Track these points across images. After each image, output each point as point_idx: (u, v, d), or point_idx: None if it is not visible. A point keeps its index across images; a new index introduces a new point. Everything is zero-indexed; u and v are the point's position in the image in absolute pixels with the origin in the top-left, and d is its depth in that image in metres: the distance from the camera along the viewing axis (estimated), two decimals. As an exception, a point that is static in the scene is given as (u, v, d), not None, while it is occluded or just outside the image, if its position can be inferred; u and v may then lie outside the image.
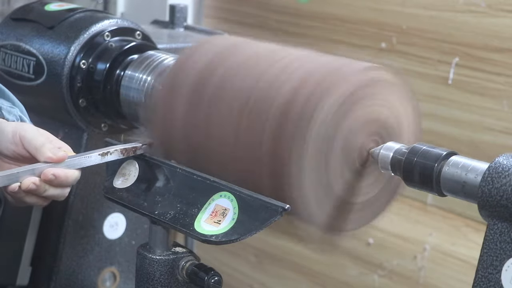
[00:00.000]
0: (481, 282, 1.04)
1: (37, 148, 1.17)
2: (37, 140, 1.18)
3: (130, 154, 1.26)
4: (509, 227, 1.03)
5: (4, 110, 1.29)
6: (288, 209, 1.10)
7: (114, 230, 1.71)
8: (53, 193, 1.18)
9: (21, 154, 1.20)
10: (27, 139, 1.18)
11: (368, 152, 1.20)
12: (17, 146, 1.19)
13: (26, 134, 1.19)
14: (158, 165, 1.26)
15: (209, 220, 1.15)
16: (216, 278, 1.18)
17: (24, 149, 1.19)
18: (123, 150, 1.25)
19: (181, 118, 1.26)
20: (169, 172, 1.24)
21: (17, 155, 1.20)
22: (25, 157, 1.19)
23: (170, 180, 1.24)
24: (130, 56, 1.56)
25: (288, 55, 1.24)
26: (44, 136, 1.20)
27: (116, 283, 1.74)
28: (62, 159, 1.17)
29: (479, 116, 1.83)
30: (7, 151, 1.20)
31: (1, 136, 1.20)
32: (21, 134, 1.19)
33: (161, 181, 1.25)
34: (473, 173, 1.08)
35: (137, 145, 1.27)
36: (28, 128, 1.21)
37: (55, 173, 1.15)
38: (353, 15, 2.06)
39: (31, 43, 1.62)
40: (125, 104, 1.54)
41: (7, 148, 1.20)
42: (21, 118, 1.31)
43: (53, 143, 1.18)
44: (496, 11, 1.78)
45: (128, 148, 1.26)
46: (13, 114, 1.29)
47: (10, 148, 1.20)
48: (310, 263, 2.25)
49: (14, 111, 1.30)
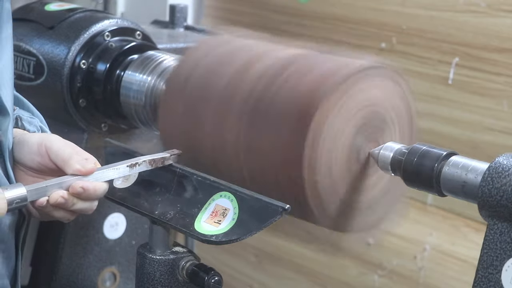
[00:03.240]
0: (481, 282, 1.04)
1: (64, 160, 1.14)
2: (64, 151, 1.15)
3: (159, 165, 1.24)
4: (509, 227, 1.03)
5: (24, 121, 1.25)
6: (288, 209, 1.10)
7: (114, 230, 1.71)
8: (81, 206, 1.14)
9: (47, 166, 1.16)
10: (54, 150, 1.15)
11: (368, 152, 1.20)
12: (42, 158, 1.16)
13: (53, 145, 1.16)
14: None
15: (209, 220, 1.15)
16: (216, 278, 1.18)
17: (50, 161, 1.16)
18: (151, 161, 1.23)
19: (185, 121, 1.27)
20: (170, 172, 1.24)
21: (43, 167, 1.17)
22: (50, 169, 1.16)
23: (170, 180, 1.24)
24: (130, 56, 1.56)
25: (286, 54, 1.24)
26: (71, 147, 1.17)
27: (116, 283, 1.74)
28: (91, 171, 1.14)
29: (479, 116, 1.83)
30: (32, 163, 1.17)
31: (26, 147, 1.17)
32: (47, 146, 1.16)
33: (161, 181, 1.25)
34: (473, 173, 1.08)
35: (165, 155, 1.25)
36: (54, 139, 1.18)
37: (84, 186, 1.12)
38: (353, 15, 2.06)
39: (31, 43, 1.61)
40: (125, 104, 1.54)
41: (32, 160, 1.17)
42: (42, 128, 1.28)
43: (80, 155, 1.15)
44: (496, 11, 1.78)
45: (156, 159, 1.23)
46: (33, 125, 1.26)
47: (36, 160, 1.17)
48: (310, 263, 2.25)
49: (34, 121, 1.27)
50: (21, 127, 1.24)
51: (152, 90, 1.48)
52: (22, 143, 1.18)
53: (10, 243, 1.19)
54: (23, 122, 1.25)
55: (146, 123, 1.52)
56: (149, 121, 1.50)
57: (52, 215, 1.15)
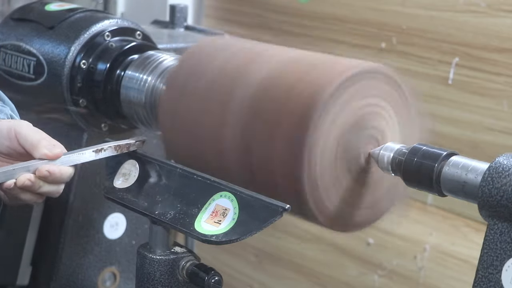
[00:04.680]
0: (481, 282, 1.04)
1: (33, 144, 1.18)
2: (33, 136, 1.19)
3: (124, 151, 1.28)
4: (509, 227, 1.03)
5: None
6: (288, 209, 1.10)
7: (114, 230, 1.71)
8: (48, 189, 1.19)
9: (16, 150, 1.20)
10: (23, 135, 1.19)
11: (368, 152, 1.20)
12: (11, 142, 1.20)
13: (22, 130, 1.20)
14: (158, 165, 1.27)
15: (209, 220, 1.15)
16: (216, 278, 1.18)
17: (19, 145, 1.20)
18: (116, 146, 1.27)
19: (186, 120, 1.27)
20: (170, 172, 1.24)
21: (11, 151, 1.21)
22: (19, 153, 1.20)
23: (170, 180, 1.24)
24: (131, 56, 1.56)
25: (285, 56, 1.25)
26: (39, 133, 1.21)
27: (116, 283, 1.74)
28: (58, 156, 1.18)
29: (479, 116, 1.83)
30: (1, 147, 1.21)
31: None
32: (16, 130, 1.20)
33: (161, 181, 1.25)
34: (473, 173, 1.08)
35: (130, 142, 1.29)
36: (24, 125, 1.22)
37: (50, 169, 1.16)
38: (353, 15, 2.06)
39: (31, 43, 1.61)
40: (125, 104, 1.54)
41: (1, 144, 1.21)
42: (12, 116, 1.31)
43: (48, 141, 1.19)
44: (496, 11, 1.78)
45: (121, 145, 1.27)
46: (3, 113, 1.29)
47: (4, 144, 1.20)
48: (310, 263, 2.25)
49: (5, 110, 1.31)
50: None
51: (152, 90, 1.48)
52: None
53: None
54: None
55: (146, 123, 1.52)
56: (149, 121, 1.50)
57: (19, 197, 1.19)
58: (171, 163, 1.26)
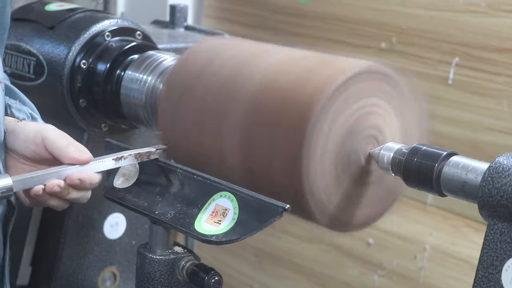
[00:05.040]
0: (481, 282, 1.04)
1: (61, 149, 1.16)
2: (61, 141, 1.17)
3: (144, 159, 1.25)
4: (509, 227, 1.03)
5: (13, 109, 1.27)
6: (288, 209, 1.10)
7: (114, 230, 1.71)
8: (76, 196, 1.17)
9: (41, 155, 1.18)
10: (50, 140, 1.17)
11: (368, 152, 1.20)
12: (37, 147, 1.18)
13: (49, 135, 1.18)
14: (158, 165, 1.27)
15: (209, 220, 1.15)
16: (216, 278, 1.18)
17: (46, 150, 1.17)
18: (137, 155, 1.24)
19: (185, 122, 1.27)
20: (170, 172, 1.24)
21: (36, 155, 1.19)
22: (44, 158, 1.18)
23: (170, 180, 1.24)
24: (131, 56, 1.56)
25: (282, 55, 1.25)
26: (67, 137, 1.19)
27: (116, 283, 1.74)
28: (88, 160, 1.16)
29: (479, 116, 1.83)
30: (26, 151, 1.19)
31: (22, 135, 1.19)
32: (43, 135, 1.18)
33: (161, 181, 1.25)
34: (473, 173, 1.08)
35: (151, 150, 1.26)
36: (51, 129, 1.20)
37: (81, 177, 1.14)
38: (353, 15, 2.06)
39: (32, 43, 1.62)
40: (125, 104, 1.54)
41: (26, 148, 1.19)
42: (32, 115, 1.29)
43: (75, 146, 1.18)
44: (496, 11, 1.78)
45: (142, 153, 1.25)
46: (23, 112, 1.27)
47: (30, 148, 1.18)
48: (310, 263, 2.25)
49: (24, 109, 1.29)
50: (10, 115, 1.25)
51: (152, 90, 1.48)
52: (17, 131, 1.20)
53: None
54: (12, 110, 1.27)
55: (146, 123, 1.52)
56: (149, 121, 1.50)
57: (46, 203, 1.17)
58: (171, 163, 1.26)
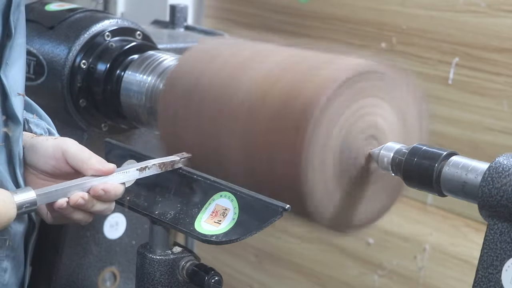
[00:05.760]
0: (481, 282, 1.04)
1: (84, 161, 1.14)
2: (83, 154, 1.16)
3: (168, 168, 1.23)
4: (509, 227, 1.03)
5: (31, 124, 1.26)
6: (289, 209, 1.10)
7: (114, 230, 1.71)
8: (100, 208, 1.15)
9: (61, 169, 1.17)
10: (71, 153, 1.16)
11: (368, 152, 1.20)
12: (57, 161, 1.16)
13: (70, 148, 1.16)
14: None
15: (209, 220, 1.15)
16: (216, 278, 1.18)
17: (67, 164, 1.16)
18: (161, 164, 1.22)
19: (187, 122, 1.27)
20: (170, 172, 1.24)
21: (57, 170, 1.17)
22: (64, 172, 1.17)
23: (170, 180, 1.24)
24: (131, 56, 1.56)
25: (284, 56, 1.25)
26: (88, 151, 1.17)
27: (116, 283, 1.74)
28: (111, 171, 1.15)
29: (479, 116, 1.83)
30: (46, 166, 1.17)
31: (41, 150, 1.17)
32: (63, 149, 1.16)
33: (161, 181, 1.25)
34: (473, 173, 1.08)
35: (175, 159, 1.24)
36: (70, 143, 1.18)
37: (105, 188, 1.13)
38: (353, 15, 2.06)
39: (32, 43, 1.61)
40: (125, 104, 1.54)
41: (46, 163, 1.17)
42: (49, 130, 1.28)
43: (97, 158, 1.16)
44: (496, 11, 1.78)
45: (166, 162, 1.23)
46: (41, 127, 1.26)
47: (50, 163, 1.17)
48: (310, 263, 2.25)
49: (41, 124, 1.27)
50: (28, 130, 1.24)
51: (152, 90, 1.48)
52: (36, 147, 1.18)
53: (20, 251, 1.19)
54: (30, 125, 1.25)
55: (146, 123, 1.52)
56: (149, 121, 1.50)
57: (70, 217, 1.14)
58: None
